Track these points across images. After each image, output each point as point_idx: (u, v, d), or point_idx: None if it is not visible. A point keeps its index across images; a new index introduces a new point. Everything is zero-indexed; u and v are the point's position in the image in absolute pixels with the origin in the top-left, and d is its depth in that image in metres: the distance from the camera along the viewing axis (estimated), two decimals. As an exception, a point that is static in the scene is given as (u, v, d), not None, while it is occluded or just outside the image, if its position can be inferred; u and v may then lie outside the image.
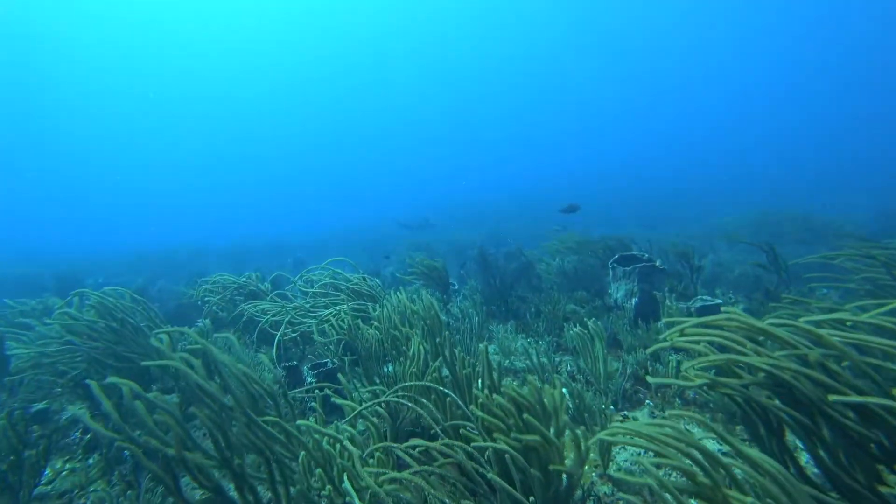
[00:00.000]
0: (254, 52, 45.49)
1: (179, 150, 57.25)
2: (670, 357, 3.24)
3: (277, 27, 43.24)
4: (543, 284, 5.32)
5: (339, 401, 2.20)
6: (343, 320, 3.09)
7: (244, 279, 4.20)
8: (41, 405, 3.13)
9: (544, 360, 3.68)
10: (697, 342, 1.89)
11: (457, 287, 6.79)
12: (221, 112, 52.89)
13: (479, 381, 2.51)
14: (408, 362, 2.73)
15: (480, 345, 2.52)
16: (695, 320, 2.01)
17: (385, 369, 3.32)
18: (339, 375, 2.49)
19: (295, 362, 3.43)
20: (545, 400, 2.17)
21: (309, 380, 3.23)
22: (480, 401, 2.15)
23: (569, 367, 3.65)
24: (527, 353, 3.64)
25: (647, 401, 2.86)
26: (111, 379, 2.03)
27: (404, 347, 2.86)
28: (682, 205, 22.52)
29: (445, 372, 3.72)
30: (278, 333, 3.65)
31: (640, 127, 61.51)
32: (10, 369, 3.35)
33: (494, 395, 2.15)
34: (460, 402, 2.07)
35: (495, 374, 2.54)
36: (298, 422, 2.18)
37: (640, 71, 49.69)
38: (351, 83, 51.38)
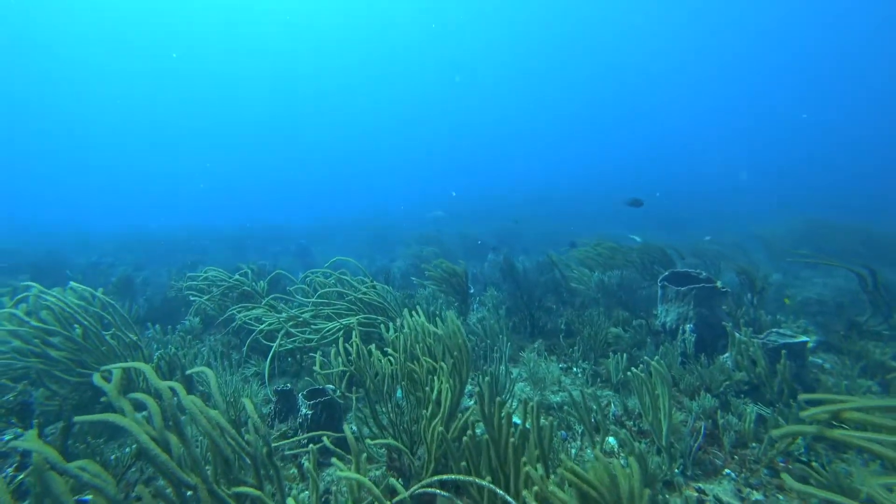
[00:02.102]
0: (266, 36, 44.28)
1: (188, 132, 56.75)
2: (746, 408, 2.63)
3: (290, 16, 42.00)
4: (576, 299, 4.71)
5: (343, 473, 1.62)
6: (352, 343, 2.51)
7: (236, 278, 3.64)
8: (-19, 425, 2.59)
9: (586, 392, 3.10)
10: (881, 441, 1.28)
11: (472, 290, 6.20)
12: (232, 96, 52.02)
13: (514, 417, 1.93)
14: (430, 410, 2.15)
15: (529, 402, 1.94)
16: (858, 401, 1.40)
17: (397, 394, 2.78)
18: (346, 428, 1.91)
19: (288, 385, 2.86)
20: (619, 481, 1.59)
21: (304, 411, 2.66)
22: (535, 489, 1.57)
23: (613, 409, 3.05)
24: (567, 391, 3.06)
25: (727, 469, 2.26)
26: (25, 441, 1.46)
27: (427, 388, 2.27)
28: (704, 207, 21.71)
29: (467, 402, 3.14)
30: (273, 346, 3.09)
31: (657, 126, 60.05)
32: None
33: (550, 482, 1.58)
34: (509, 500, 1.49)
35: (545, 433, 1.97)
36: (288, 501, 1.61)
37: (657, 69, 48.06)
38: (362, 75, 50.14)
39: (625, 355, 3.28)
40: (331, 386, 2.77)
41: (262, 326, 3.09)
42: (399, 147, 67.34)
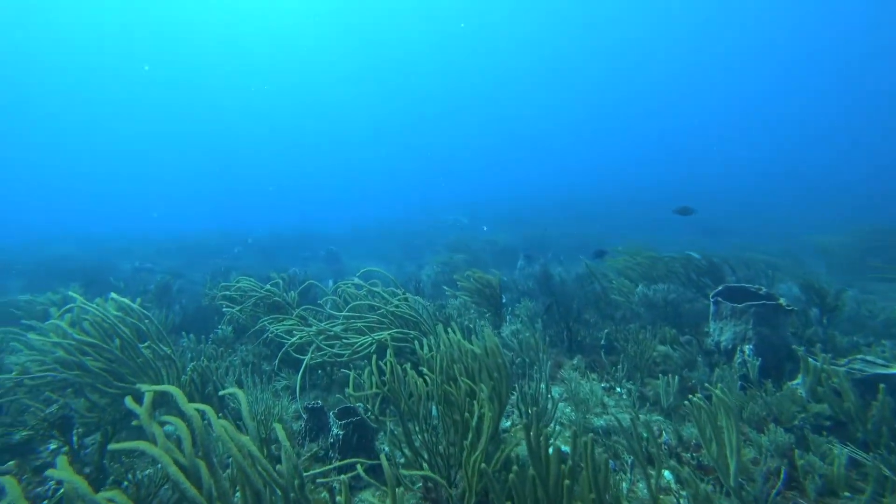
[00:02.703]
0: (291, 37, 45.12)
1: (220, 139, 59.08)
2: (832, 449, 2.31)
3: (296, 18, 42.59)
4: (616, 312, 4.43)
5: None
6: (385, 362, 2.39)
7: (267, 288, 3.62)
8: (25, 433, 2.63)
9: (636, 417, 2.85)
10: None
11: (504, 300, 6.00)
12: (262, 103, 53.81)
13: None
14: (469, 439, 1.99)
15: (582, 436, 1.74)
16: None
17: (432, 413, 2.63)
18: (382, 458, 1.78)
19: (319, 403, 2.77)
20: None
21: (335, 431, 2.56)
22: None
23: (666, 437, 2.78)
24: (613, 416, 2.81)
25: (813, 522, 1.97)
26: (57, 471, 1.41)
27: (466, 414, 2.11)
28: (737, 212, 20.60)
29: (504, 422, 2.95)
30: (304, 360, 3.01)
31: (679, 129, 58.06)
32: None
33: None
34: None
35: (601, 472, 1.77)
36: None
37: (674, 71, 46.39)
38: (383, 77, 50.48)
39: (676, 377, 3.00)
40: (362, 405, 2.65)
41: (292, 340, 3.03)
42: (420, 150, 67.78)
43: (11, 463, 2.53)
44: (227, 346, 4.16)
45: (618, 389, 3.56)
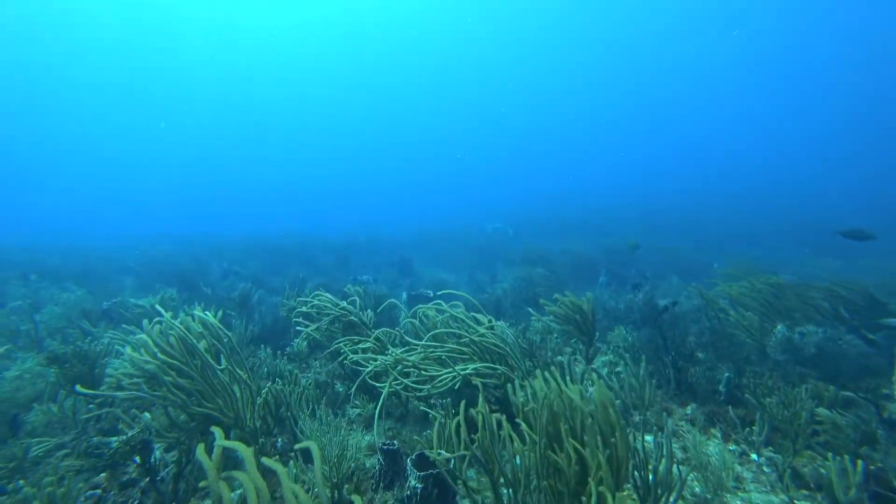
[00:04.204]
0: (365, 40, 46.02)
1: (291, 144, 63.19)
2: None
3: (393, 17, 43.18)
4: (739, 354, 3.62)
5: None
6: (479, 414, 2.01)
7: (343, 306, 3.46)
8: (111, 451, 2.66)
9: (782, 498, 2.15)
10: None
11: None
12: (330, 106, 56.32)
13: None
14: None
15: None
16: None
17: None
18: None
19: (395, 444, 2.47)
20: None
21: (412, 483, 2.23)
22: None
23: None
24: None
25: None
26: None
27: (584, 499, 1.65)
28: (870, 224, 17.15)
29: None
30: (382, 394, 2.76)
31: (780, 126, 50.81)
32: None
33: None
34: None
35: None
36: None
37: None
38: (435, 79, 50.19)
39: (860, 462, 2.23)
40: (444, 454, 2.29)
41: (368, 369, 2.79)
42: (486, 154, 67.17)
43: (103, 475, 2.57)
44: (302, 360, 4.10)
45: (754, 457, 2.82)
